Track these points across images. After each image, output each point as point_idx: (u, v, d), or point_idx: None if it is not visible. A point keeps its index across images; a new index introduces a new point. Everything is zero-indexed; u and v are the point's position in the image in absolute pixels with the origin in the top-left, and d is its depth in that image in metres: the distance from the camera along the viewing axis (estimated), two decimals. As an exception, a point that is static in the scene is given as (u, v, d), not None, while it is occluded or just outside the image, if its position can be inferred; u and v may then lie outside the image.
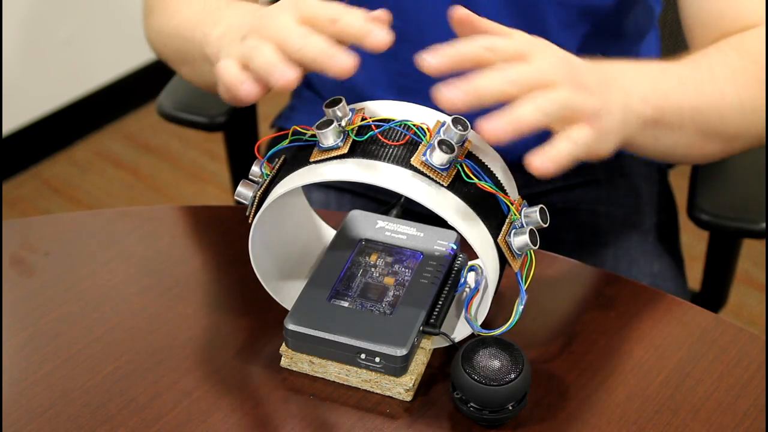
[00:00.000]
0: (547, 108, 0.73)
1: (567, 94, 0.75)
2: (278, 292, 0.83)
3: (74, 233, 0.94)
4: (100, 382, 0.78)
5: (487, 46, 0.74)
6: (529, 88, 0.73)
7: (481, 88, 0.72)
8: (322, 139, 0.73)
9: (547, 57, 0.76)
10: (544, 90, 0.74)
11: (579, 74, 0.77)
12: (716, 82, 0.89)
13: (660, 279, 1.11)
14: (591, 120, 0.76)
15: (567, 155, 0.74)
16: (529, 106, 0.73)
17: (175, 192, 2.24)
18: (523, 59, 0.75)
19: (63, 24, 2.25)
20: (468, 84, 0.71)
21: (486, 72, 0.73)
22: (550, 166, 0.73)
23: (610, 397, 0.77)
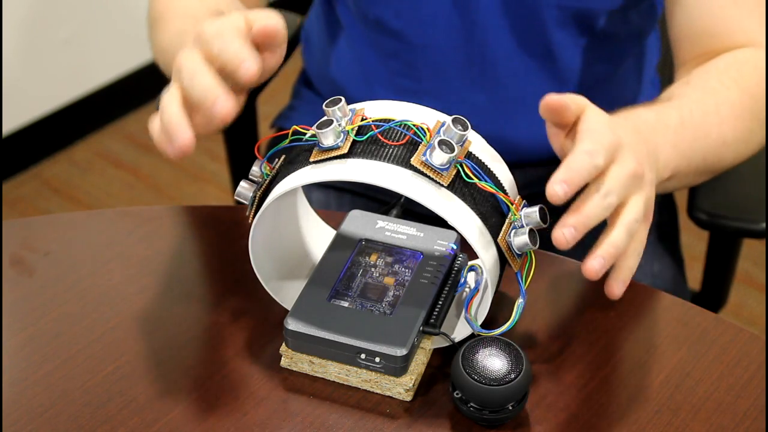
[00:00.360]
0: (633, 227, 0.76)
1: (645, 200, 0.77)
2: (278, 292, 0.83)
3: (74, 233, 0.94)
4: (100, 382, 0.78)
5: (592, 168, 0.73)
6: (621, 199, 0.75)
7: (590, 220, 0.73)
8: (322, 139, 0.73)
9: (627, 160, 0.76)
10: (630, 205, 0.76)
11: (646, 162, 0.78)
12: (722, 125, 0.93)
13: (660, 279, 1.11)
14: (644, 200, 0.78)
15: (623, 241, 0.76)
16: (633, 249, 0.78)
17: (175, 192, 2.24)
18: (612, 162, 0.75)
19: (63, 24, 2.25)
20: (581, 220, 0.73)
21: (589, 201, 0.73)
22: (623, 287, 0.78)
23: (610, 397, 0.77)
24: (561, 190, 0.70)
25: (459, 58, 1.07)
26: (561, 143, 0.78)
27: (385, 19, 1.07)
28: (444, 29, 1.06)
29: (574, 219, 0.72)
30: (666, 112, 0.89)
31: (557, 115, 0.76)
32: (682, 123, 0.89)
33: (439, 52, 1.07)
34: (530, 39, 1.05)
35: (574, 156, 0.72)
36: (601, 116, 0.77)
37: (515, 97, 1.09)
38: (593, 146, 0.72)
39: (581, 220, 0.72)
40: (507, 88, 1.08)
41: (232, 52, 0.73)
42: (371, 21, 1.09)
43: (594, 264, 0.74)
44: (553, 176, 0.70)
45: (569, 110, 0.76)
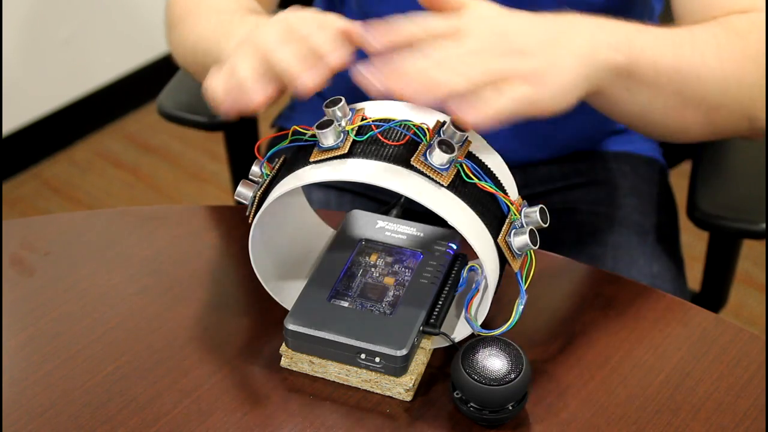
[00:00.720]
0: (467, 72, 0.74)
1: (493, 61, 0.75)
2: (278, 292, 0.83)
3: (74, 233, 0.94)
4: (100, 382, 0.78)
5: (421, 27, 0.75)
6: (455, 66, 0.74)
7: (403, 70, 0.73)
8: (322, 139, 0.73)
9: (479, 33, 0.76)
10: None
11: (514, 41, 0.77)
12: (696, 46, 0.87)
13: (660, 280, 1.11)
14: (530, 79, 0.76)
15: (499, 109, 0.74)
16: (447, 71, 0.73)
17: (175, 192, 2.24)
18: (455, 37, 0.75)
19: (63, 24, 2.25)
20: (390, 66, 0.72)
21: (410, 54, 0.73)
22: (478, 117, 0.73)
23: (610, 397, 0.77)
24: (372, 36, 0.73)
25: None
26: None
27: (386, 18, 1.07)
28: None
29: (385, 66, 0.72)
30: (622, 21, 0.85)
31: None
32: (640, 29, 0.85)
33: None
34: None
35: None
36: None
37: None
38: (427, 19, 0.73)
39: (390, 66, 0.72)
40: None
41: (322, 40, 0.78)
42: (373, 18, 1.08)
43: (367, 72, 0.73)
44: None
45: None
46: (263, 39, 0.78)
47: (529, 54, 0.77)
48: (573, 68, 0.79)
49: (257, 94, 0.76)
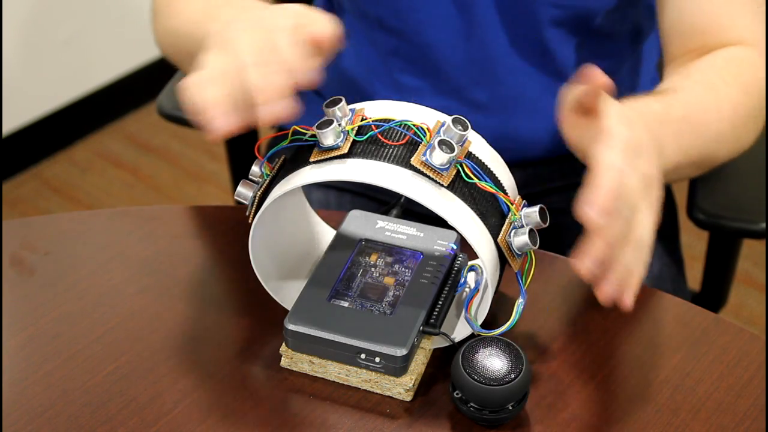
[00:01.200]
0: (647, 253, 0.72)
1: (655, 204, 0.73)
2: (278, 292, 0.83)
3: (74, 233, 0.94)
4: (100, 382, 0.78)
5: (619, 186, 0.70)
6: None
7: (624, 263, 0.70)
8: (322, 139, 0.73)
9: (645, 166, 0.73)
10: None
11: (656, 160, 0.75)
12: (721, 122, 0.93)
13: (660, 279, 1.11)
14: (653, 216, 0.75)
15: (641, 276, 0.73)
16: (639, 263, 0.72)
17: (175, 192, 2.24)
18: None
19: (63, 24, 2.25)
20: (616, 269, 0.70)
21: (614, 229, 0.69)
22: (630, 296, 0.72)
23: (610, 397, 0.77)
24: (597, 214, 0.66)
25: (458, 56, 1.07)
26: (578, 134, 0.76)
27: (384, 18, 1.07)
28: (443, 28, 1.06)
29: (602, 249, 0.68)
30: (672, 104, 0.88)
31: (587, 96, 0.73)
32: (686, 117, 0.89)
33: (438, 50, 1.07)
34: (526, 37, 1.05)
35: (605, 174, 0.68)
36: (621, 110, 0.74)
37: (515, 95, 1.09)
38: (623, 161, 0.69)
39: (608, 251, 0.68)
40: (506, 86, 1.08)
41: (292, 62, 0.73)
42: (371, 20, 1.09)
43: (587, 265, 0.69)
44: (588, 197, 0.66)
45: (597, 95, 0.73)
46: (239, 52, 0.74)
47: (659, 187, 0.75)
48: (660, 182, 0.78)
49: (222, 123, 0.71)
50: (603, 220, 0.66)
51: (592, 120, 0.74)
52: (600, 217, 0.66)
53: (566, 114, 0.76)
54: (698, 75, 0.95)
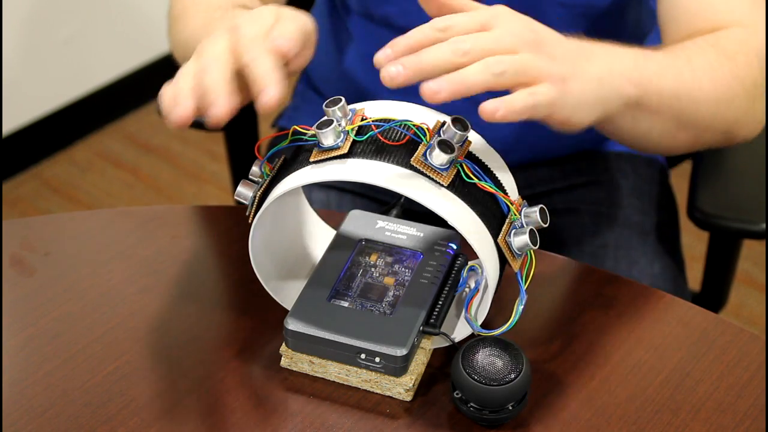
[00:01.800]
0: (496, 68, 0.72)
1: (524, 57, 0.73)
2: (278, 292, 0.83)
3: (74, 233, 0.94)
4: (100, 382, 0.78)
5: (441, 27, 0.72)
6: (483, 56, 0.72)
7: (426, 60, 0.70)
8: (322, 139, 0.73)
9: (509, 25, 0.75)
10: (499, 55, 0.72)
11: (546, 43, 0.76)
12: (694, 72, 0.90)
13: (660, 280, 1.11)
14: (555, 82, 0.75)
15: (523, 105, 0.72)
16: (478, 66, 0.71)
17: (175, 192, 2.24)
18: (484, 27, 0.74)
19: (63, 24, 2.25)
20: (412, 57, 0.70)
21: (437, 45, 0.71)
22: (501, 110, 0.71)
23: (610, 397, 0.77)
24: (383, 54, 0.68)
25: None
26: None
27: (391, 18, 1.07)
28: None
29: (409, 59, 0.69)
30: (627, 47, 0.86)
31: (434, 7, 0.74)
32: (645, 55, 0.87)
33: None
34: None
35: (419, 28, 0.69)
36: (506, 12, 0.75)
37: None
38: (450, 18, 0.70)
39: (414, 59, 0.69)
40: (510, 87, 1.08)
41: (260, 72, 0.74)
42: (377, 19, 1.09)
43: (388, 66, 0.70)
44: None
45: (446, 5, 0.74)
46: (203, 49, 0.78)
47: (558, 59, 0.76)
48: (593, 87, 0.79)
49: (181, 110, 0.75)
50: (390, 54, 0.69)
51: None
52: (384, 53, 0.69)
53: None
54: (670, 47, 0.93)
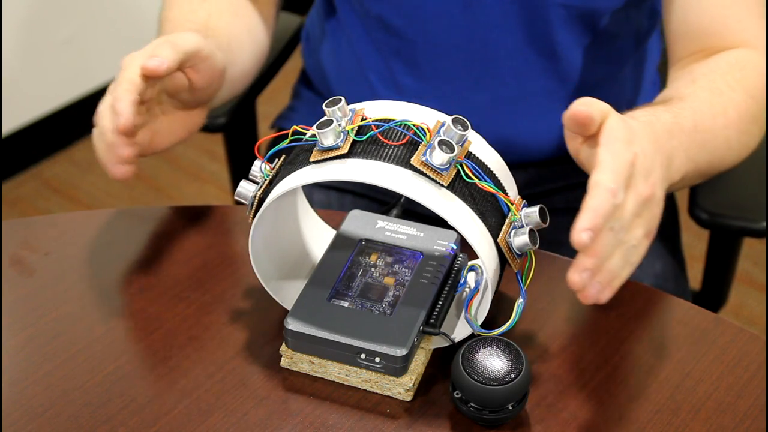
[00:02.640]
0: (635, 259, 0.75)
1: (650, 221, 0.76)
2: (278, 292, 0.83)
3: (74, 233, 0.94)
4: (100, 382, 0.78)
5: (613, 208, 0.72)
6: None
7: (605, 259, 0.72)
8: (322, 139, 0.73)
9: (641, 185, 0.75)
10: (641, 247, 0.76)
11: (652, 205, 0.77)
12: (728, 129, 0.93)
13: (661, 279, 1.11)
14: (651, 235, 0.77)
15: (623, 279, 0.75)
16: (628, 269, 0.75)
17: (175, 192, 2.24)
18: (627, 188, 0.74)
19: (63, 24, 2.25)
20: (605, 274, 0.72)
21: (604, 241, 0.72)
22: (607, 294, 0.74)
23: (610, 397, 0.77)
24: (587, 237, 0.69)
25: (461, 56, 1.07)
26: (577, 147, 0.78)
27: (387, 17, 1.07)
28: (446, 27, 1.06)
29: (591, 262, 0.71)
30: (681, 114, 0.89)
31: (583, 129, 0.75)
32: (695, 127, 0.89)
33: (441, 50, 1.07)
34: (535, 38, 1.05)
35: (596, 195, 0.70)
36: (622, 129, 0.75)
37: (517, 95, 1.09)
38: (615, 182, 0.71)
39: (597, 263, 0.71)
40: (509, 87, 1.08)
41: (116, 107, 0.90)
42: (373, 18, 1.09)
43: (577, 278, 0.72)
44: (578, 222, 0.69)
45: (594, 123, 0.75)
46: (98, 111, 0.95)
47: (658, 203, 0.77)
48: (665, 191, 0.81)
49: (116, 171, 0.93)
50: (590, 241, 0.69)
51: (591, 141, 0.76)
52: (588, 238, 0.69)
53: (566, 129, 0.78)
54: (704, 80, 0.95)
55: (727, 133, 0.93)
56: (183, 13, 1.04)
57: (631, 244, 0.74)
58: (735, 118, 0.94)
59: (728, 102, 0.94)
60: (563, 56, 1.07)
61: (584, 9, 1.04)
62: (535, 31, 1.05)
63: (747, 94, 0.95)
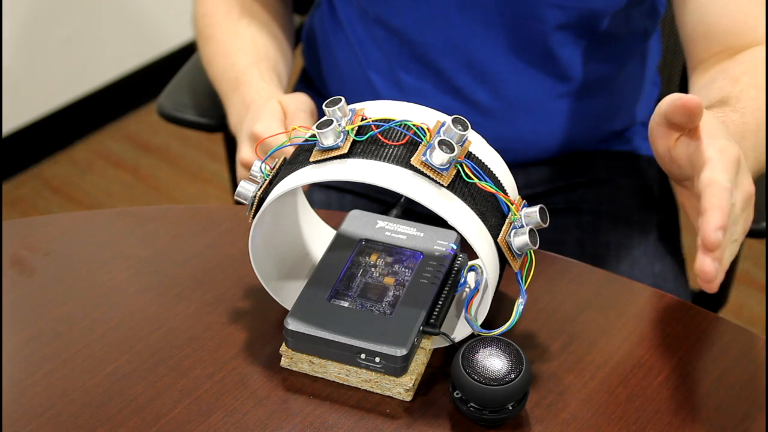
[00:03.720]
0: (735, 252, 0.77)
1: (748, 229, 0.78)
2: (278, 292, 0.83)
3: (74, 233, 0.94)
4: (100, 382, 0.78)
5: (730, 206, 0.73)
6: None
7: (728, 261, 0.74)
8: (322, 139, 0.73)
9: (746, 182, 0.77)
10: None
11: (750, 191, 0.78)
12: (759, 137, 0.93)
13: (661, 279, 1.11)
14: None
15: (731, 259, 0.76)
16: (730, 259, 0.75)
17: (175, 192, 2.24)
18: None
19: (63, 24, 2.25)
20: (723, 262, 0.73)
21: (727, 248, 0.73)
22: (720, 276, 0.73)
23: (610, 397, 0.77)
24: (722, 235, 0.69)
25: (460, 56, 1.07)
26: (670, 145, 0.78)
27: (385, 17, 1.07)
28: (443, 27, 1.06)
29: (718, 254, 0.71)
30: (745, 114, 0.88)
31: (691, 119, 0.74)
32: (758, 126, 0.89)
33: (439, 50, 1.07)
34: (529, 38, 1.05)
35: (718, 194, 0.71)
36: (720, 126, 0.76)
37: (516, 95, 1.09)
38: (729, 181, 0.72)
39: (720, 255, 0.72)
40: (508, 87, 1.08)
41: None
42: (372, 18, 1.09)
43: (710, 269, 0.71)
44: (708, 222, 0.69)
45: (702, 114, 0.74)
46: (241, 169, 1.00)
47: (753, 201, 0.78)
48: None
49: None
50: (721, 240, 0.70)
51: (691, 136, 0.76)
52: (722, 236, 0.70)
53: (656, 125, 0.78)
54: (746, 78, 0.93)
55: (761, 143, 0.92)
56: (227, 36, 1.13)
57: (734, 238, 0.75)
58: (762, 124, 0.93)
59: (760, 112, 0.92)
60: (559, 57, 1.07)
61: (583, 10, 1.04)
62: (529, 32, 1.05)
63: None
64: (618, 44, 1.10)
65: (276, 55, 1.13)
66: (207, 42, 1.15)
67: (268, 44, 1.13)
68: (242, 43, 1.12)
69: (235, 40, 1.13)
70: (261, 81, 1.07)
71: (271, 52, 1.13)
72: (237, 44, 1.12)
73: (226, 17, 1.15)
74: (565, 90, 1.09)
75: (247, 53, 1.11)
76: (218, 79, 1.12)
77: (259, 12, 1.16)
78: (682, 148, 0.77)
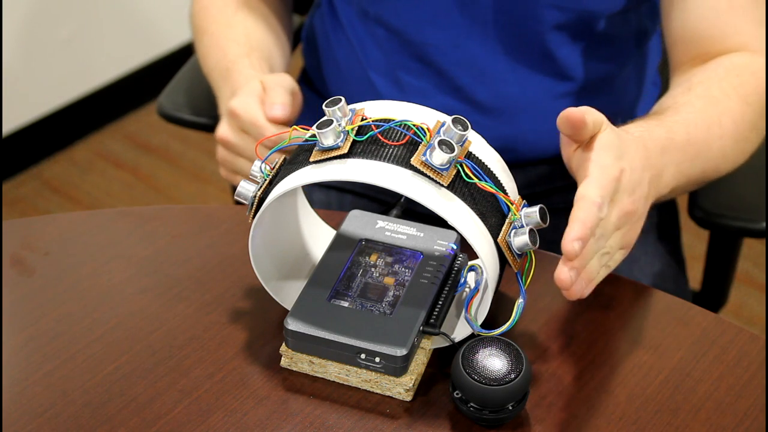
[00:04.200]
0: (611, 263, 0.80)
1: (628, 235, 0.80)
2: (278, 292, 0.83)
3: (74, 233, 0.94)
4: (100, 382, 0.78)
5: (598, 221, 0.75)
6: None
7: (589, 271, 0.77)
8: (322, 139, 0.73)
9: (623, 201, 0.79)
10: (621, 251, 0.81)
11: (635, 214, 0.80)
12: (723, 138, 0.94)
13: (661, 279, 1.11)
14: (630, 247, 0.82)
15: (599, 280, 0.79)
16: (604, 271, 0.79)
17: (175, 192, 2.24)
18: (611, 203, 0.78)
19: (63, 24, 2.25)
20: (586, 273, 0.76)
21: (590, 255, 0.77)
22: (588, 290, 0.77)
23: (610, 397, 0.77)
24: (579, 246, 0.72)
25: (460, 56, 1.07)
26: (570, 155, 0.80)
27: (385, 17, 1.07)
28: (443, 27, 1.06)
29: (578, 263, 0.75)
30: (674, 128, 0.89)
31: (574, 132, 0.77)
32: (688, 140, 0.89)
33: (438, 50, 1.07)
34: (527, 38, 1.05)
35: (584, 208, 0.73)
36: (613, 143, 0.78)
37: (516, 95, 1.09)
38: (600, 197, 0.74)
39: (582, 265, 0.76)
40: (507, 86, 1.08)
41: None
42: (372, 18, 1.09)
43: (565, 277, 0.74)
44: (568, 233, 0.72)
45: (587, 129, 0.77)
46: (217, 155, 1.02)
47: (639, 218, 0.81)
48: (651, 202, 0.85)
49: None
50: (577, 250, 0.72)
51: (584, 149, 0.78)
52: (579, 247, 0.72)
53: (562, 136, 0.80)
54: (700, 89, 0.95)
55: (722, 143, 0.93)
56: (221, 28, 1.12)
57: (607, 251, 0.78)
58: (730, 127, 0.94)
59: (724, 111, 0.94)
60: (558, 57, 1.07)
61: (580, 11, 1.04)
62: (526, 32, 1.05)
63: (743, 101, 0.95)
64: (617, 44, 1.10)
65: (271, 47, 1.13)
66: (202, 36, 1.15)
67: (263, 36, 1.13)
68: (235, 34, 1.11)
69: (228, 32, 1.12)
70: (251, 70, 1.06)
71: (265, 43, 1.12)
72: (230, 36, 1.12)
73: (221, 11, 1.14)
74: (565, 90, 1.09)
75: (240, 44, 1.10)
76: (211, 71, 1.12)
77: (257, 5, 1.15)
78: (576, 159, 0.79)
